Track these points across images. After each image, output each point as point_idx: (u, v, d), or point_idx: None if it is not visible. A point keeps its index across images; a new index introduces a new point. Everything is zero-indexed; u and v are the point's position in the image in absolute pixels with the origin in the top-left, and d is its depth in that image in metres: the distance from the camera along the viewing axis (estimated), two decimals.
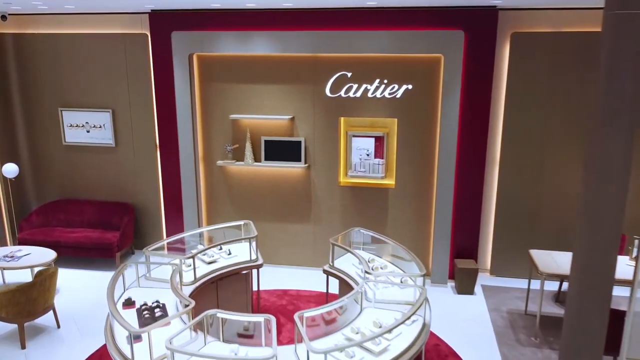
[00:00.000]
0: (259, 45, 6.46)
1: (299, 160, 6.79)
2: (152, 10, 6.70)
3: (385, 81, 6.42)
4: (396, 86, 6.40)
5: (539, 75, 6.23)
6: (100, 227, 7.40)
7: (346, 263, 5.32)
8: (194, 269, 4.94)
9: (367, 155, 6.73)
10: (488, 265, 6.93)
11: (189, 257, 4.94)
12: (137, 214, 7.59)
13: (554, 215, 6.61)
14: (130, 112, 7.29)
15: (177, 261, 4.84)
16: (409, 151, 6.58)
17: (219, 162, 6.95)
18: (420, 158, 6.59)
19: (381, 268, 5.00)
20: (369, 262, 5.13)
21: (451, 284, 6.75)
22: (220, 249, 5.43)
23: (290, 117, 6.70)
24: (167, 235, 7.45)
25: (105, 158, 7.52)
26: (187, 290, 4.72)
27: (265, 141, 6.83)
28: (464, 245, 6.75)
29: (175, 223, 7.34)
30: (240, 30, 6.48)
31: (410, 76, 6.34)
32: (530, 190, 6.59)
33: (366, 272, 4.61)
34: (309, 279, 6.82)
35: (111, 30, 7.07)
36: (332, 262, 5.27)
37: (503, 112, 6.43)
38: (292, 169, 6.87)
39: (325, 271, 5.31)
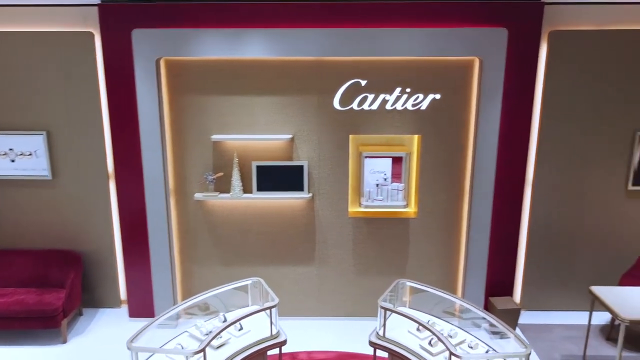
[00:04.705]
0: (251, 47, 5.05)
1: (300, 189, 5.47)
2: (101, 1, 5.07)
3: (408, 90, 5.26)
4: (421, 96, 5.27)
5: (581, 81, 5.37)
6: (38, 286, 5.62)
7: (396, 329, 4.09)
8: None
9: (385, 179, 5.54)
10: (518, 298, 6.01)
11: (198, 352, 3.47)
12: (85, 265, 5.88)
13: (594, 240, 5.81)
14: (72, 134, 5.57)
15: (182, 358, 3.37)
16: (434, 173, 5.48)
17: (197, 196, 5.46)
18: (447, 181, 5.51)
19: (470, 347, 3.80)
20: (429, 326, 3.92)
21: (485, 326, 5.73)
22: (241, 328, 3.99)
23: (289, 136, 5.35)
24: (128, 289, 5.82)
25: (39, 194, 5.73)
26: None
27: (258, 167, 5.43)
28: (499, 280, 5.76)
29: (139, 273, 5.73)
30: (226, 28, 5.04)
31: (439, 84, 5.24)
32: (567, 213, 5.73)
33: (452, 354, 3.40)
34: (317, 333, 5.56)
35: (44, 28, 5.32)
36: (384, 332, 4.02)
37: (538, 124, 5.50)
38: (291, 200, 5.53)
39: (373, 344, 4.04)
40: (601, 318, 5.77)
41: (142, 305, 5.80)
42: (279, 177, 5.44)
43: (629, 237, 5.79)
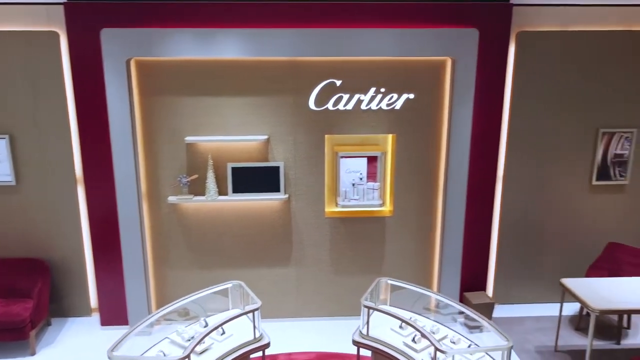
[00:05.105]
0: (224, 47, 4.99)
1: (277, 190, 5.43)
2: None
3: (383, 90, 5.31)
4: (395, 96, 5.32)
5: (547, 80, 5.55)
6: (4, 296, 5.37)
7: (379, 327, 4.12)
8: None
9: (360, 179, 5.57)
10: (491, 292, 6.15)
11: (183, 359, 3.39)
12: (53, 273, 5.67)
13: (561, 234, 6.02)
14: (37, 138, 5.36)
15: None
16: (409, 172, 5.54)
17: (171, 199, 5.34)
18: (422, 180, 5.59)
19: (453, 342, 3.86)
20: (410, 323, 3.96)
21: (461, 320, 5.84)
22: (223, 332, 3.92)
23: (264, 137, 5.31)
24: (99, 297, 5.64)
25: (2, 201, 5.49)
26: None
27: (233, 169, 5.36)
28: (473, 275, 5.89)
29: (110, 280, 5.57)
30: (198, 28, 4.95)
31: (413, 84, 5.30)
32: (535, 208, 5.92)
33: (438, 350, 3.45)
34: (296, 334, 5.54)
35: (5, 27, 5.10)
36: (367, 330, 4.03)
37: (508, 121, 5.65)
38: (268, 201, 5.48)
39: (356, 343, 4.06)
40: (569, 309, 5.98)
41: (114, 313, 5.63)
42: (255, 178, 5.39)
43: (594, 230, 6.03)
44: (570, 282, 5.05)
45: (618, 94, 5.64)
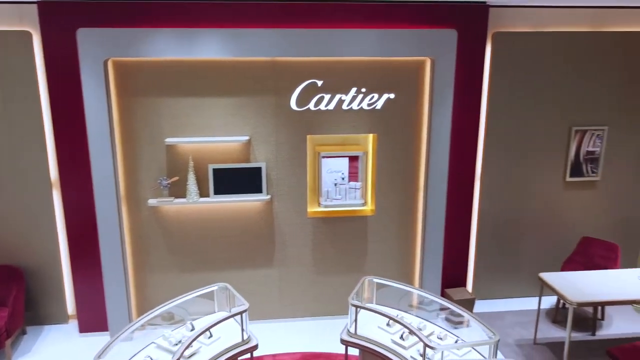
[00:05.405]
0: (204, 47, 4.94)
1: (259, 191, 5.41)
2: None
3: (364, 90, 5.34)
4: (376, 96, 5.37)
5: (522, 80, 5.69)
6: None
7: (366, 325, 4.15)
8: None
9: (342, 179, 5.59)
10: (470, 288, 6.27)
11: None
12: (27, 280, 5.50)
13: (537, 229, 6.18)
14: (9, 141, 5.20)
15: None
16: (390, 171, 5.60)
17: (151, 202, 5.26)
18: (403, 179, 5.65)
19: (440, 338, 3.91)
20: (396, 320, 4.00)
21: (443, 316, 5.93)
22: (210, 336, 3.87)
23: (246, 138, 5.27)
24: (77, 303, 5.51)
25: None
26: None
27: (215, 170, 5.31)
28: (453, 272, 5.99)
29: (89, 286, 5.45)
30: (178, 27, 4.89)
31: (393, 84, 5.36)
32: (512, 205, 6.06)
33: (428, 346, 3.49)
34: (281, 335, 5.53)
35: None
36: (355, 329, 4.06)
37: (485, 120, 5.77)
38: (250, 203, 5.45)
39: (344, 342, 4.07)
40: (546, 302, 6.13)
41: (93, 320, 5.50)
42: (237, 179, 5.35)
43: (568, 225, 6.20)
44: (548, 277, 5.18)
45: (589, 92, 5.83)
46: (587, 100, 5.84)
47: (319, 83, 5.25)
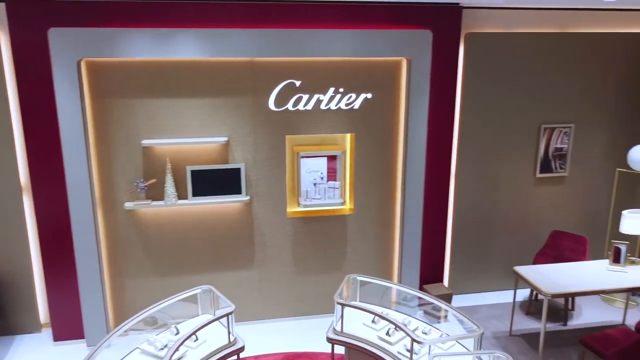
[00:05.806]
0: (180, 47, 4.87)
1: (238, 192, 5.38)
2: None
3: (341, 90, 5.38)
4: (353, 96, 5.42)
5: (493, 79, 5.86)
6: None
7: (350, 323, 4.19)
8: None
9: (321, 178, 5.62)
10: (447, 283, 6.40)
11: None
12: None
13: (509, 224, 6.37)
14: None
15: None
16: (368, 170, 5.66)
17: (128, 205, 5.15)
18: (381, 177, 5.72)
19: (424, 333, 3.98)
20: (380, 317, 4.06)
21: (425, 311, 6.03)
22: (196, 339, 3.83)
23: (224, 139, 5.23)
24: (51, 311, 5.35)
25: None
26: None
27: (193, 172, 5.25)
28: (431, 268, 6.10)
29: (64, 293, 5.30)
30: (154, 27, 4.81)
31: (370, 84, 5.41)
32: (485, 201, 6.23)
33: (415, 341, 3.56)
34: (263, 336, 5.52)
35: None
36: (341, 327, 4.09)
37: (458, 119, 5.90)
38: (229, 204, 5.42)
39: (331, 340, 4.10)
40: (519, 295, 6.32)
41: (68, 327, 5.36)
42: (215, 181, 5.30)
43: (539, 219, 6.41)
44: (523, 270, 5.35)
45: (557, 91, 6.04)
46: (555, 98, 6.05)
47: (297, 83, 5.26)
